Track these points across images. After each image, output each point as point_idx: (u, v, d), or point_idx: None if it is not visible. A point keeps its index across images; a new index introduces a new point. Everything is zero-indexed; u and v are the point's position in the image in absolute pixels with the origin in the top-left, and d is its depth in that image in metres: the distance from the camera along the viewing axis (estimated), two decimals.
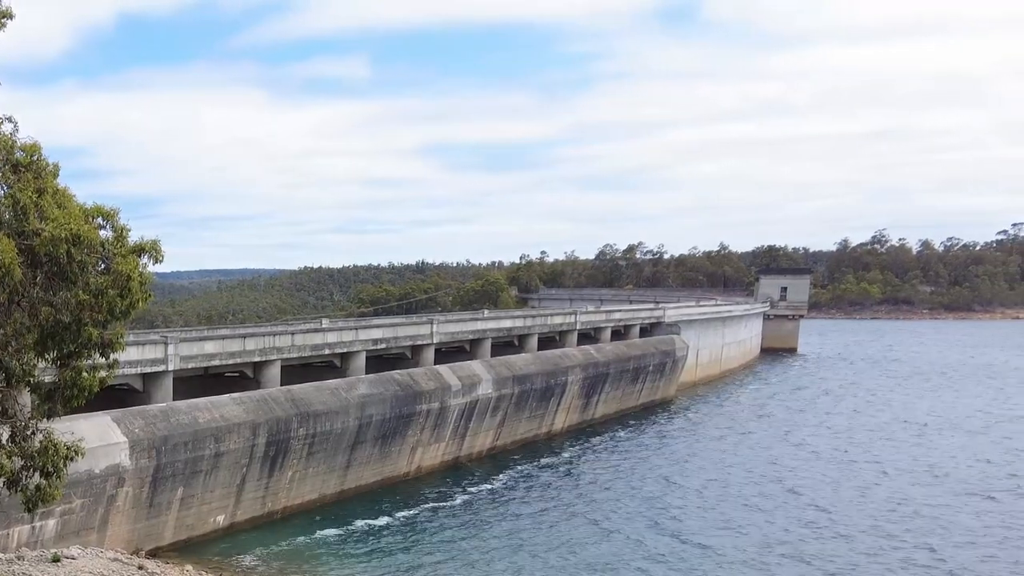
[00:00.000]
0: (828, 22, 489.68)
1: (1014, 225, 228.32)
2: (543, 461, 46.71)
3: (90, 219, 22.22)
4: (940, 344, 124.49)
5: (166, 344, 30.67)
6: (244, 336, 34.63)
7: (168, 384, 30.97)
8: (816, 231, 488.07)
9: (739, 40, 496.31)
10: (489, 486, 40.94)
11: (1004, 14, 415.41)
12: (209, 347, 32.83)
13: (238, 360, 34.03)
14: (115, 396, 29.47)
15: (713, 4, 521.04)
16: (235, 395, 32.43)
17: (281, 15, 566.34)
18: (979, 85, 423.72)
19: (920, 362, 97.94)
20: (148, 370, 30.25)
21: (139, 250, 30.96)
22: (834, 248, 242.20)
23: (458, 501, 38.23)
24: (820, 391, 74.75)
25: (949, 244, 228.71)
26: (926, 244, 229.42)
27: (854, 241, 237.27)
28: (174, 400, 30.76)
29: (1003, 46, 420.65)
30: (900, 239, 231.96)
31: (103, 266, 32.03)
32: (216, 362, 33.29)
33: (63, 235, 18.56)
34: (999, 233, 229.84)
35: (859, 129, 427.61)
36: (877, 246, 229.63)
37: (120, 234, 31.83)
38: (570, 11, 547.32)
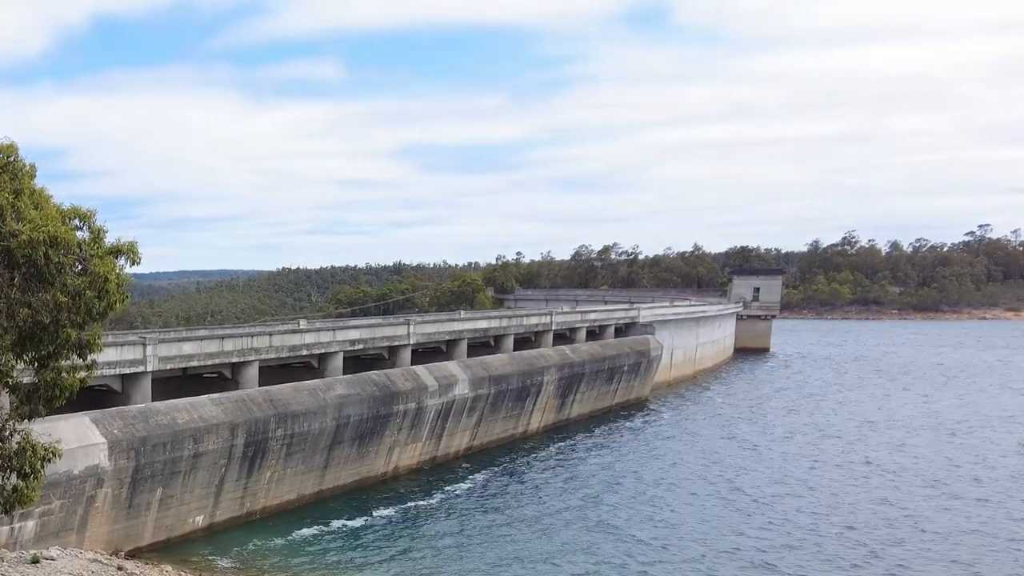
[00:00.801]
0: (796, 27, 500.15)
1: (980, 227, 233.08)
2: (519, 461, 47.17)
3: (67, 220, 22.35)
4: (908, 344, 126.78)
5: (145, 345, 30.75)
6: (222, 337, 34.76)
7: (147, 385, 31.05)
8: (788, 232, 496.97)
9: (709, 44, 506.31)
10: (465, 486, 41.33)
11: (965, 20, 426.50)
12: (187, 348, 32.93)
13: (216, 361, 34.16)
14: (94, 397, 29.53)
15: (683, 9, 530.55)
16: (214, 396, 32.55)
17: (255, 18, 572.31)
18: (943, 89, 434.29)
19: (886, 362, 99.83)
20: (127, 371, 30.32)
21: (116, 251, 31.09)
22: (805, 249, 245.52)
23: (434, 501, 38.56)
24: (792, 391, 76.00)
25: (917, 245, 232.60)
26: (895, 245, 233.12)
27: (825, 242, 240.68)
28: (153, 401, 30.85)
29: (965, 50, 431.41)
30: (870, 240, 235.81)
31: (80, 267, 32.11)
32: (194, 363, 33.40)
33: (41, 237, 18.69)
34: (966, 234, 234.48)
35: (828, 131, 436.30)
36: (847, 247, 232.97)
37: (97, 235, 31.89)
38: (542, 14, 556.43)
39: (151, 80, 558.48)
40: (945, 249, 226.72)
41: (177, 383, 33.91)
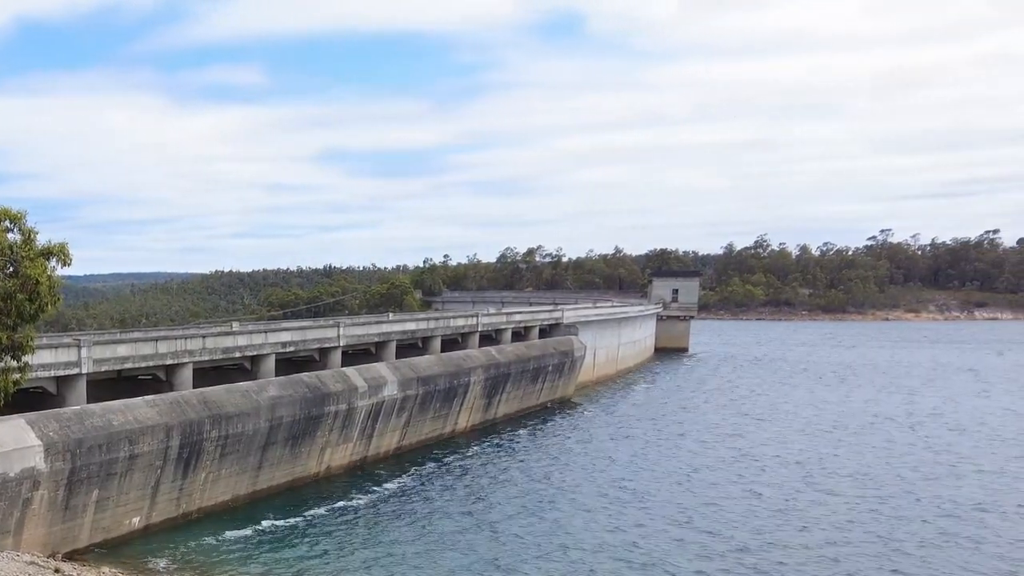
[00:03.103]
0: (697, 39, 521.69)
1: (882, 231, 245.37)
2: (447, 460, 48.35)
3: None
4: (813, 344, 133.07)
5: (79, 347, 30.89)
6: (156, 339, 35.02)
7: (82, 387, 31.18)
8: (704, 235, 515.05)
9: (619, 54, 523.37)
10: (394, 485, 42.25)
11: (854, 33, 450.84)
12: (122, 350, 33.13)
13: (151, 363, 34.41)
14: (28, 399, 29.58)
15: (595, 19, 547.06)
16: (148, 398, 32.82)
17: (177, 23, 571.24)
18: (836, 99, 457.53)
19: (794, 361, 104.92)
20: (62, 373, 30.43)
21: (47, 253, 31.36)
22: (721, 252, 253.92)
23: (364, 500, 39.38)
24: (706, 389, 79.36)
25: (825, 249, 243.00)
26: (804, 249, 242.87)
27: (739, 245, 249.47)
28: (88, 403, 31.01)
29: (857, 62, 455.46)
30: (781, 244, 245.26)
31: (11, 269, 32.17)
32: (129, 365, 33.60)
33: None
34: (869, 239, 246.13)
35: (735, 138, 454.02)
36: (760, 250, 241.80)
37: (28, 237, 32.02)
38: (457, 22, 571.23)
39: (76, 83, 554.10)
40: (850, 253, 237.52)
41: (112, 385, 34.03)
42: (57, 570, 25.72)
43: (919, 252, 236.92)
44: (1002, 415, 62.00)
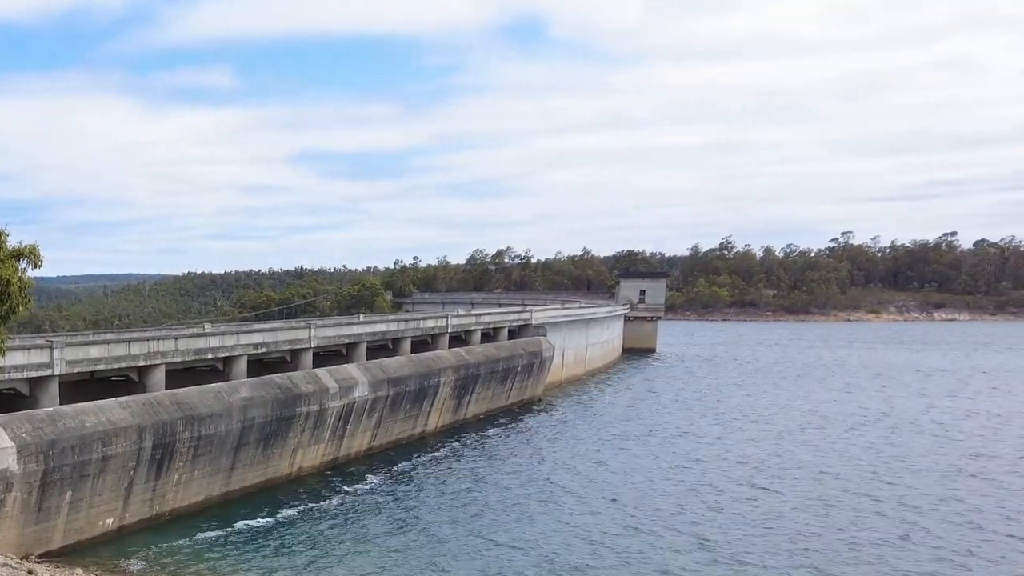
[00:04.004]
0: (660, 43, 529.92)
1: (843, 233, 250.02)
2: (417, 460, 48.78)
3: None
4: (777, 345, 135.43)
5: (52, 348, 30.90)
6: (129, 340, 35.07)
7: (54, 388, 31.20)
8: (670, 237, 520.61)
9: (583, 57, 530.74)
10: (366, 486, 42.61)
11: (817, 37, 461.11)
12: (95, 351, 33.16)
13: (123, 364, 34.46)
14: (1, 401, 29.56)
15: (557, 24, 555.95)
16: (121, 399, 32.90)
17: (147, 26, 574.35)
18: (799, 102, 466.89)
19: (758, 361, 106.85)
20: (34, 374, 30.42)
21: (18, 255, 31.42)
22: (687, 253, 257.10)
23: (336, 501, 39.67)
24: (673, 389, 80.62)
25: (788, 250, 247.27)
26: (768, 251, 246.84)
27: (704, 247, 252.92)
28: (61, 404, 31.05)
29: (820, 67, 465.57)
30: (746, 245, 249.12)
31: None
32: (102, 366, 33.64)
33: None
34: (831, 241, 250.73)
35: (699, 141, 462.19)
36: (725, 252, 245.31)
37: None
38: (424, 26, 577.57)
39: (48, 85, 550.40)
40: (813, 254, 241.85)
41: (84, 386, 34.05)
42: (30, 572, 25.83)
43: (879, 254, 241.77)
44: (959, 415, 63.94)
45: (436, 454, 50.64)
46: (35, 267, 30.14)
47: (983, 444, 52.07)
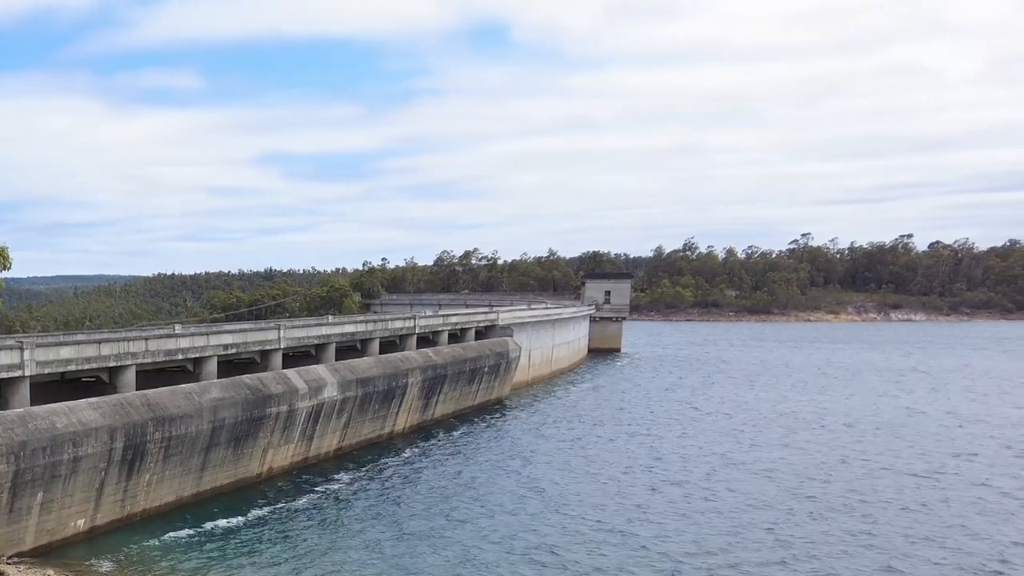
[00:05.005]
0: (619, 47, 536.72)
1: (803, 235, 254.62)
2: (385, 460, 49.21)
3: None
4: (739, 344, 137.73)
5: (22, 349, 30.90)
6: (99, 342, 35.08)
7: (25, 389, 31.18)
8: (635, 238, 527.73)
9: (545, 61, 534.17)
10: (335, 486, 42.96)
11: (770, 44, 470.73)
12: (65, 352, 33.16)
13: (94, 365, 34.49)
14: None
15: (519, 28, 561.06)
16: (92, 400, 32.95)
17: (111, 28, 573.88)
18: (754, 107, 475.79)
19: (720, 361, 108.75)
20: (4, 375, 30.37)
21: None
22: (651, 254, 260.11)
23: (305, 501, 39.97)
24: (637, 388, 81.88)
25: (750, 252, 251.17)
26: (730, 252, 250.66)
27: (668, 248, 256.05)
28: (32, 405, 31.06)
29: (773, 72, 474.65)
30: (708, 247, 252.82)
31: None
32: (72, 367, 33.65)
33: None
34: (791, 242, 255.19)
35: (660, 144, 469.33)
36: (688, 253, 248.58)
37: None
38: (387, 29, 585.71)
39: (12, 87, 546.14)
40: (774, 256, 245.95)
41: (55, 387, 34.03)
42: (2, 573, 25.95)
43: (838, 255, 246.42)
44: (904, 413, 65.96)
45: (404, 454, 51.10)
46: (4, 268, 30.34)
47: (928, 441, 53.97)
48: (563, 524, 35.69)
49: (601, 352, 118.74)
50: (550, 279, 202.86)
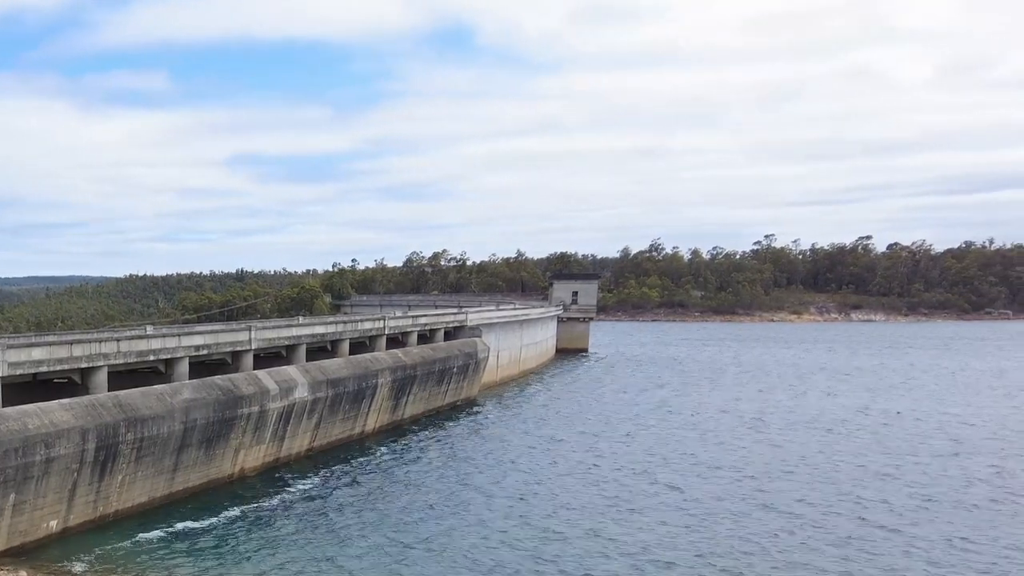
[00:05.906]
0: (582, 51, 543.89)
1: (766, 236, 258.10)
2: (356, 460, 49.51)
3: None
4: (703, 343, 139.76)
5: None
6: (71, 343, 35.04)
7: None
8: (601, 239, 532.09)
9: (508, 64, 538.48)
10: (306, 485, 43.19)
11: (732, 48, 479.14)
12: (37, 353, 33.10)
13: (66, 366, 34.47)
14: None
15: (481, 31, 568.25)
16: (64, 401, 32.96)
17: (78, 30, 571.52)
18: (715, 111, 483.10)
19: (686, 361, 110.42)
20: None
21: None
22: (618, 255, 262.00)
23: (277, 501, 40.18)
24: (604, 388, 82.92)
25: (715, 253, 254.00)
26: (695, 253, 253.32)
27: (634, 249, 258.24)
28: (3, 407, 30.99)
29: (731, 77, 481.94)
30: (674, 247, 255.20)
31: None
32: (44, 368, 33.60)
33: None
34: (755, 243, 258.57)
35: (625, 146, 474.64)
36: (654, 254, 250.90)
37: None
38: (351, 32, 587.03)
39: None
40: (738, 257, 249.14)
41: (27, 389, 33.97)
42: None
43: (800, 256, 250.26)
44: (853, 412, 67.78)
45: (374, 454, 51.49)
46: None
47: (883, 439, 55.68)
48: (529, 518, 36.41)
49: (569, 352, 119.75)
50: (518, 280, 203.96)
